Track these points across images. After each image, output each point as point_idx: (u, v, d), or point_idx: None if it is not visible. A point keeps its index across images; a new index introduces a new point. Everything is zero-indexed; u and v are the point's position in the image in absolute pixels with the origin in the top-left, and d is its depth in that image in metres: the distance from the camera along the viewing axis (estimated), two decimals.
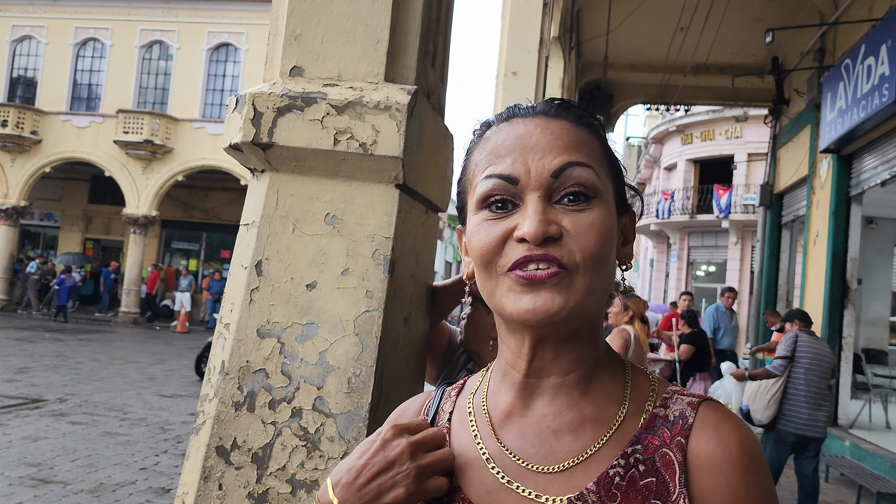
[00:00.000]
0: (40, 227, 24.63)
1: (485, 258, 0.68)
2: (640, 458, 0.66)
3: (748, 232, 20.86)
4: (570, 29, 8.04)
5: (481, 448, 0.72)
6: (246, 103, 1.33)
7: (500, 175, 0.67)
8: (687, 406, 0.68)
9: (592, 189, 0.67)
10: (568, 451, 0.68)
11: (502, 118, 0.74)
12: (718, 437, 0.65)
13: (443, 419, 0.79)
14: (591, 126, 0.73)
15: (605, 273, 0.67)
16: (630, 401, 0.70)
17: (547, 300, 0.64)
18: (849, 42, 7.15)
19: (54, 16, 21.49)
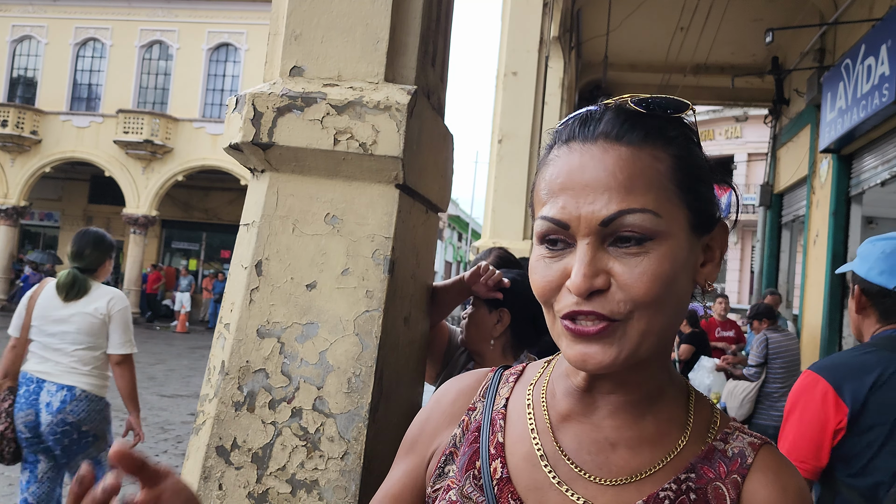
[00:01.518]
0: (40, 227, 24.64)
1: (542, 297, 0.67)
2: (693, 487, 0.66)
3: (748, 232, 20.86)
4: (570, 29, 8.04)
5: (536, 444, 0.71)
6: (246, 103, 1.33)
7: (552, 219, 0.65)
8: (748, 445, 0.69)
9: (648, 232, 0.63)
10: (624, 467, 0.68)
11: (562, 138, 0.69)
12: (777, 483, 0.67)
13: (499, 404, 0.77)
14: (662, 142, 0.66)
15: (664, 313, 0.64)
16: (692, 429, 0.70)
17: (598, 352, 0.63)
18: (849, 42, 7.16)
19: (54, 16, 21.49)
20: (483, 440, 0.74)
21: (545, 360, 0.81)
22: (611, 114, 0.67)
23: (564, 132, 0.69)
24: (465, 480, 0.73)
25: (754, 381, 5.13)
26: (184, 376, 10.80)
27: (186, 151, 20.51)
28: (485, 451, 0.73)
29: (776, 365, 5.13)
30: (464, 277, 1.74)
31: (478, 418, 0.77)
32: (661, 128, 0.67)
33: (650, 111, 0.67)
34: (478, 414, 0.78)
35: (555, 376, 0.76)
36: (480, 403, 0.79)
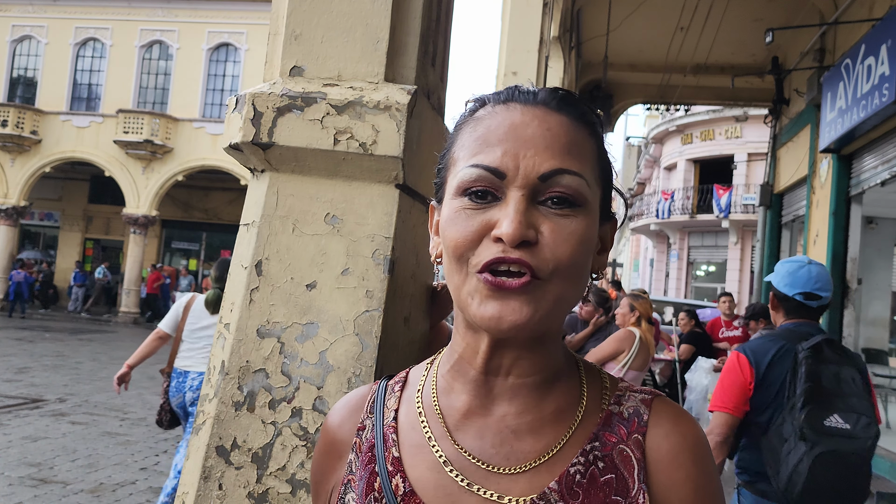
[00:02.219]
0: (40, 227, 24.65)
1: (457, 251, 0.64)
2: (599, 456, 0.66)
3: (748, 232, 20.86)
4: (570, 29, 8.04)
5: (437, 450, 0.69)
6: (246, 103, 1.33)
7: (487, 167, 0.64)
8: (640, 403, 0.70)
9: (579, 198, 0.64)
10: (530, 451, 0.67)
11: (499, 99, 0.69)
12: (676, 432, 0.67)
13: (388, 417, 0.74)
14: (590, 125, 0.69)
15: (577, 284, 0.65)
16: (587, 399, 0.70)
17: (514, 309, 0.62)
18: (849, 42, 7.15)
19: (54, 16, 21.49)
20: (379, 458, 0.71)
21: (427, 362, 0.79)
22: (546, 89, 0.68)
23: (500, 95, 0.69)
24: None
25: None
26: None
27: (186, 151, 20.51)
28: (382, 469, 0.70)
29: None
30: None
31: (369, 437, 0.74)
32: (588, 113, 0.70)
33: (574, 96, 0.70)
34: (368, 432, 0.74)
35: (443, 373, 0.73)
36: (369, 420, 0.75)
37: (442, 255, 0.69)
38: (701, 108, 21.16)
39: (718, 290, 22.18)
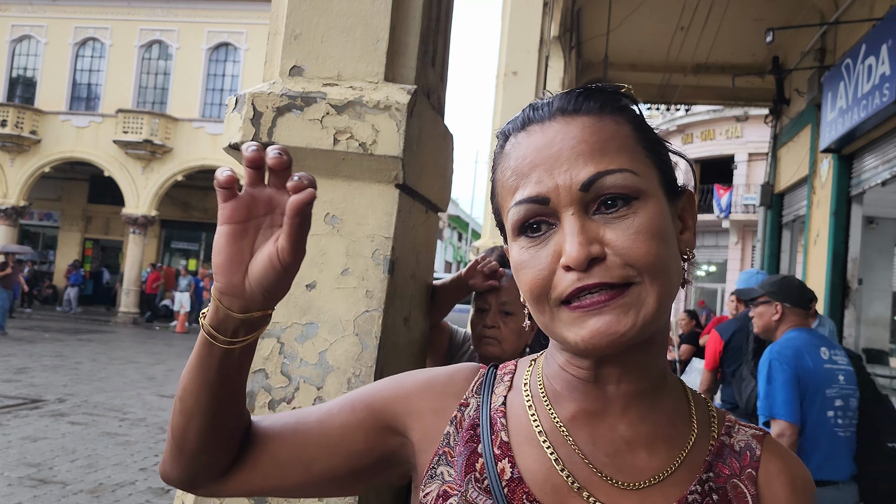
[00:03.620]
0: (40, 226, 24.65)
1: (534, 292, 0.62)
2: (714, 487, 0.66)
3: (748, 232, 20.87)
4: (570, 28, 8.04)
5: (547, 446, 0.67)
6: (245, 103, 1.32)
7: (530, 199, 0.62)
8: (752, 438, 0.70)
9: (631, 190, 0.61)
10: (644, 468, 0.66)
11: (518, 126, 0.67)
12: (788, 473, 0.69)
13: (497, 402, 0.72)
14: (617, 110, 0.65)
15: (669, 276, 0.62)
16: (697, 423, 0.70)
17: (612, 322, 0.59)
18: (849, 42, 7.15)
19: (54, 15, 21.49)
20: (484, 440, 0.69)
21: (530, 359, 0.77)
22: (560, 94, 0.66)
23: (517, 121, 0.67)
24: (468, 485, 0.68)
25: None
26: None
27: (186, 151, 20.51)
28: (488, 450, 0.68)
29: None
30: (461, 274, 1.74)
31: (472, 415, 0.72)
32: (612, 98, 0.66)
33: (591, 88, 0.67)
34: (471, 410, 0.72)
35: (549, 374, 0.71)
36: (474, 399, 0.73)
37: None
38: (701, 108, 21.17)
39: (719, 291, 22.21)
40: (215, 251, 0.64)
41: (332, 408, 0.76)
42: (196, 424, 0.70)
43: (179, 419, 0.71)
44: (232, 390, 0.70)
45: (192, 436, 0.71)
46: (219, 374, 0.68)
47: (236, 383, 0.71)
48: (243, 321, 0.65)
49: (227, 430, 0.72)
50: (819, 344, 2.87)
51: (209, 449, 0.71)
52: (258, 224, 0.64)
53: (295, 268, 0.63)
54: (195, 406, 0.69)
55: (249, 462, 0.75)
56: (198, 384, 0.69)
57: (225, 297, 0.64)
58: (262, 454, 0.74)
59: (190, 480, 0.74)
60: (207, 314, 0.67)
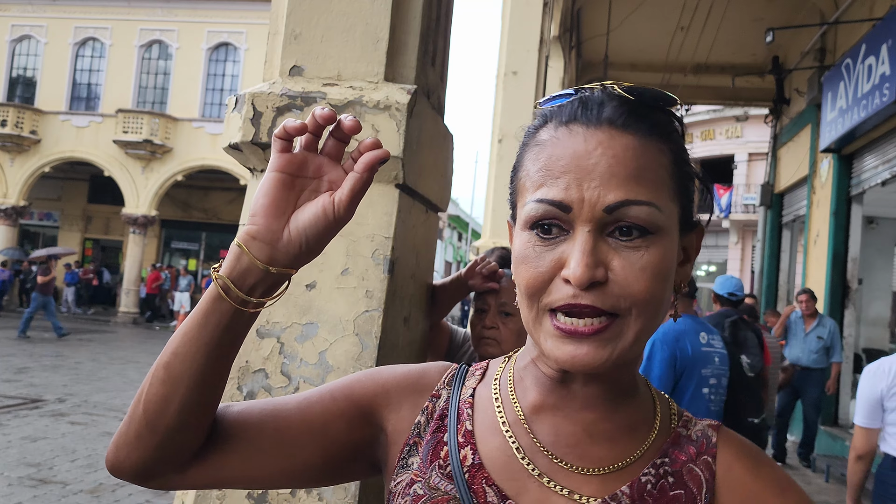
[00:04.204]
0: (40, 226, 24.64)
1: (529, 290, 0.63)
2: (669, 471, 0.67)
3: (749, 232, 20.87)
4: (570, 28, 8.04)
5: (510, 436, 0.69)
6: (245, 103, 1.32)
7: (552, 201, 0.61)
8: (707, 428, 0.71)
9: (650, 225, 0.61)
10: (605, 457, 0.68)
11: (562, 119, 0.64)
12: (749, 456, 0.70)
13: (466, 393, 0.75)
14: (664, 136, 0.64)
15: (656, 314, 0.63)
16: (660, 420, 0.71)
17: (589, 353, 0.61)
18: (849, 41, 7.15)
19: (54, 15, 21.48)
20: (451, 427, 0.71)
21: (506, 356, 0.79)
22: (615, 102, 0.64)
23: (563, 112, 0.65)
24: (431, 472, 0.70)
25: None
26: None
27: (186, 151, 20.51)
28: (452, 438, 0.70)
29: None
30: (461, 275, 1.74)
31: (442, 405, 0.74)
32: (663, 122, 0.65)
33: (650, 104, 0.65)
34: (442, 401, 0.74)
35: (520, 368, 0.73)
36: (445, 391, 0.75)
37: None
38: (701, 108, 21.16)
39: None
40: (260, 194, 0.64)
41: (311, 396, 0.74)
42: (181, 396, 0.66)
43: (161, 389, 0.66)
44: (228, 360, 0.67)
45: (173, 409, 0.66)
46: (222, 337, 0.65)
47: (234, 353, 0.68)
48: (265, 275, 0.64)
49: (210, 406, 0.68)
50: (699, 329, 3.24)
51: (187, 427, 0.67)
52: (304, 184, 0.65)
53: (343, 224, 0.65)
54: (185, 373, 0.65)
55: (222, 449, 0.71)
56: (195, 346, 0.65)
57: (255, 243, 0.63)
58: (239, 440, 0.71)
59: (150, 469, 0.68)
60: (224, 265, 0.64)
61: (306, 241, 0.64)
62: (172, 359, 0.66)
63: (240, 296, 0.64)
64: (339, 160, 0.66)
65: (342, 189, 0.63)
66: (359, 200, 0.64)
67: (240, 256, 0.64)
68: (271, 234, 0.63)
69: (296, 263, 0.65)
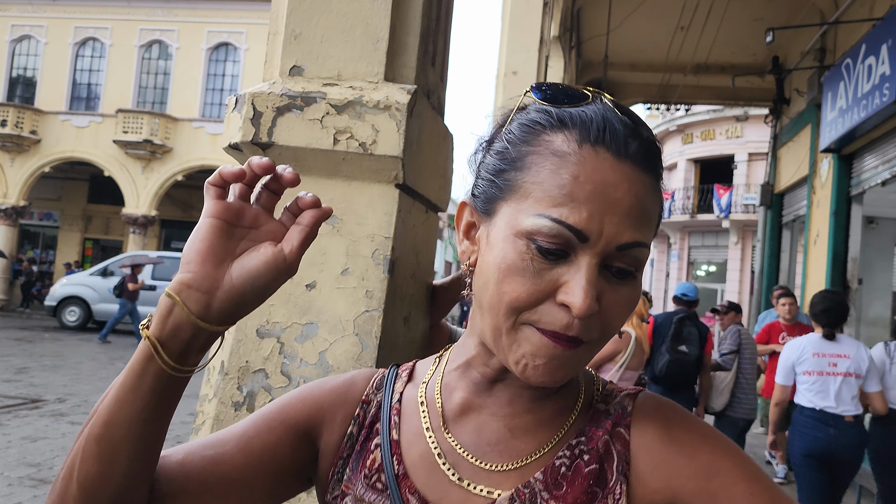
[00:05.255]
0: (39, 226, 24.65)
1: (516, 304, 0.61)
2: (585, 449, 0.67)
3: (748, 232, 20.86)
4: (570, 28, 8.04)
5: (432, 441, 0.70)
6: (245, 103, 1.32)
7: (572, 227, 0.59)
8: (625, 398, 0.70)
9: (640, 266, 0.63)
10: (524, 450, 0.68)
11: (588, 137, 0.61)
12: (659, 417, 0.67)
13: (394, 399, 0.75)
14: (661, 179, 0.66)
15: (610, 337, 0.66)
16: (583, 402, 0.71)
17: (552, 371, 0.62)
18: (849, 41, 7.15)
19: (54, 15, 21.49)
20: (384, 434, 0.71)
21: (436, 356, 0.78)
22: (638, 140, 0.63)
23: (590, 131, 0.61)
24: (358, 483, 0.70)
25: (729, 367, 5.47)
26: None
27: (186, 151, 20.51)
28: (386, 445, 0.71)
29: (745, 355, 5.53)
30: (461, 274, 1.73)
31: (372, 412, 0.74)
32: (662, 165, 0.67)
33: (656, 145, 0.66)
34: (372, 407, 0.74)
35: (450, 370, 0.73)
36: (374, 397, 0.75)
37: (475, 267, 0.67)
38: (701, 108, 21.16)
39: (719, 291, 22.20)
40: (196, 240, 0.61)
41: (247, 431, 0.72)
42: (121, 469, 0.60)
43: (96, 466, 0.60)
44: (167, 419, 0.63)
45: (113, 484, 0.60)
46: (160, 399, 0.60)
47: (173, 409, 0.63)
48: (198, 332, 0.59)
49: (151, 469, 0.63)
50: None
51: (130, 496, 0.62)
52: (241, 234, 0.63)
53: (290, 276, 0.63)
54: (122, 444, 0.60)
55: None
56: (129, 413, 0.59)
57: (191, 293, 0.59)
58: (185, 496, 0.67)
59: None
60: (154, 321, 0.60)
61: (252, 289, 0.60)
62: (105, 430, 0.60)
63: (171, 360, 0.59)
64: (272, 212, 0.65)
65: (291, 241, 0.62)
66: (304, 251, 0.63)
67: (171, 309, 0.59)
68: (209, 282, 0.59)
69: (233, 317, 0.61)
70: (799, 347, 4.08)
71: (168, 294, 0.59)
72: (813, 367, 3.98)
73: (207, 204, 0.62)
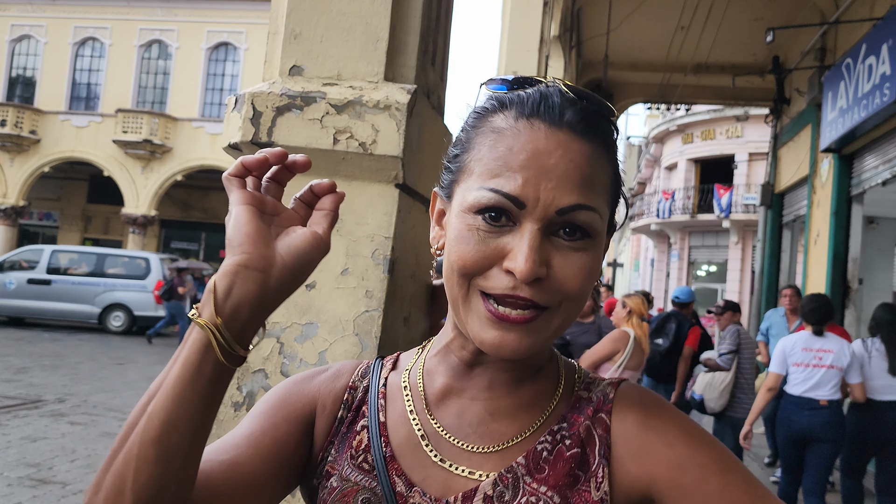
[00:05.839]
0: (39, 226, 24.65)
1: (464, 270, 0.64)
2: (567, 434, 0.69)
3: (749, 232, 20.86)
4: (570, 28, 8.04)
5: (417, 425, 0.72)
6: (245, 103, 1.32)
7: (507, 195, 0.62)
8: (607, 386, 0.72)
9: (592, 231, 0.64)
10: (504, 433, 0.70)
11: (523, 111, 0.65)
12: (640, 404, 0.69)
13: (379, 384, 0.78)
14: (610, 147, 0.68)
15: (578, 308, 0.67)
16: (563, 389, 0.73)
17: (514, 340, 0.63)
18: (850, 41, 7.15)
19: (53, 15, 21.48)
20: (372, 416, 0.74)
21: (419, 346, 0.81)
22: (574, 108, 0.65)
23: (525, 105, 0.65)
24: (344, 463, 0.72)
25: (728, 367, 5.52)
26: None
27: (185, 151, 20.51)
28: (375, 426, 0.73)
29: (744, 355, 5.57)
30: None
31: (359, 396, 0.77)
32: (611, 133, 0.69)
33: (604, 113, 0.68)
34: (359, 392, 0.77)
35: (431, 356, 0.76)
36: (360, 383, 0.78)
37: (443, 250, 0.70)
38: (702, 108, 21.15)
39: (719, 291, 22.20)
40: (241, 223, 0.61)
41: (254, 431, 0.72)
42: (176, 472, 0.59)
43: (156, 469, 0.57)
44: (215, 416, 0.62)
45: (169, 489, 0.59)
46: (216, 391, 0.60)
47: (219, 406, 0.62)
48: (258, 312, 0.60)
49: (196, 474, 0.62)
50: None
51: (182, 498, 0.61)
52: (268, 220, 0.65)
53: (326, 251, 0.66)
54: (183, 442, 0.58)
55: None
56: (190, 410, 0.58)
57: (248, 273, 0.59)
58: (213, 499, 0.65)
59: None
60: (204, 309, 0.59)
61: (300, 266, 0.62)
62: (164, 430, 0.57)
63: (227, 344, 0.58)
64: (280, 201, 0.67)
65: (320, 224, 0.65)
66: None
67: (228, 291, 0.59)
68: (264, 262, 0.60)
69: (284, 295, 0.62)
70: (791, 342, 4.62)
71: (227, 273, 0.59)
72: (802, 359, 4.50)
73: (236, 194, 0.64)
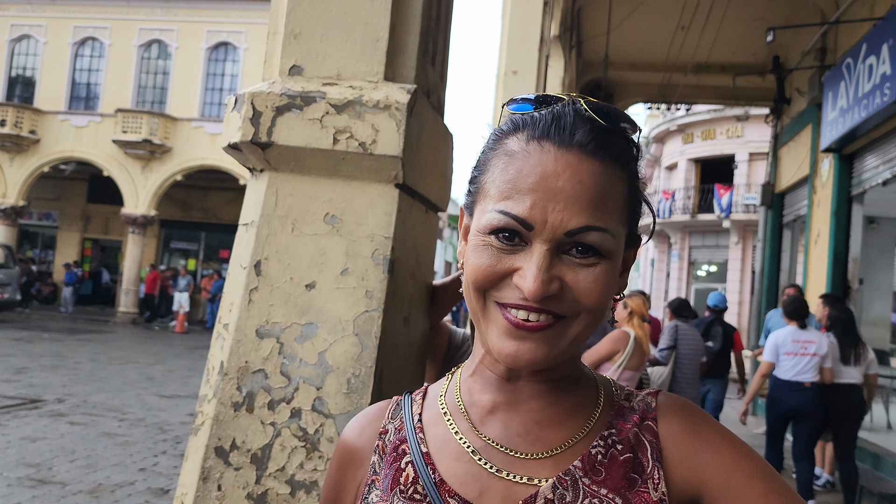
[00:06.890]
0: (39, 226, 24.63)
1: (479, 283, 0.67)
2: (617, 440, 0.71)
3: (749, 232, 20.86)
4: (570, 28, 8.04)
5: (464, 442, 0.73)
6: (245, 102, 1.32)
7: (516, 217, 0.64)
8: (647, 396, 0.75)
9: (604, 251, 0.65)
10: (555, 439, 0.71)
11: (534, 134, 0.67)
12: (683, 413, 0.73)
13: (415, 419, 0.79)
14: (626, 163, 0.68)
15: (598, 319, 0.68)
16: (604, 397, 0.75)
17: (531, 350, 0.65)
18: (850, 41, 7.15)
19: (53, 15, 21.47)
20: (413, 448, 0.75)
21: (447, 376, 0.83)
22: (587, 126, 0.67)
23: (537, 127, 0.67)
24: (394, 497, 0.73)
25: (666, 363, 5.86)
26: (182, 377, 10.80)
27: (185, 151, 20.50)
28: (418, 456, 0.74)
29: (683, 351, 5.89)
30: (461, 273, 1.73)
31: (392, 439, 0.77)
32: (626, 149, 0.69)
33: (616, 128, 0.69)
34: (391, 435, 0.78)
35: (466, 377, 0.78)
36: (391, 424, 0.79)
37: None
38: (702, 108, 21.15)
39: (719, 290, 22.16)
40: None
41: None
42: None
43: None
44: None
45: None
46: None
47: None
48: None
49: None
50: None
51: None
52: None
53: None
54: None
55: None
56: None
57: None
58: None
59: None
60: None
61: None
62: None
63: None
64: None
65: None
66: None
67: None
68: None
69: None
70: (782, 336, 5.54)
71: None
72: (791, 349, 5.44)
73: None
